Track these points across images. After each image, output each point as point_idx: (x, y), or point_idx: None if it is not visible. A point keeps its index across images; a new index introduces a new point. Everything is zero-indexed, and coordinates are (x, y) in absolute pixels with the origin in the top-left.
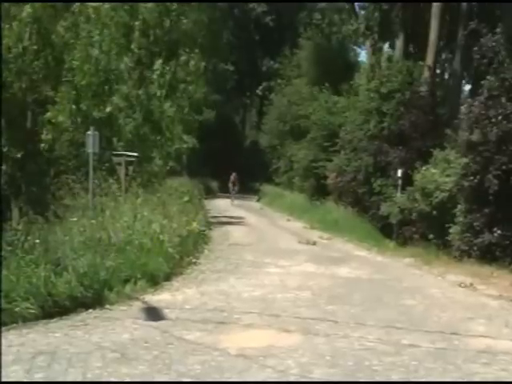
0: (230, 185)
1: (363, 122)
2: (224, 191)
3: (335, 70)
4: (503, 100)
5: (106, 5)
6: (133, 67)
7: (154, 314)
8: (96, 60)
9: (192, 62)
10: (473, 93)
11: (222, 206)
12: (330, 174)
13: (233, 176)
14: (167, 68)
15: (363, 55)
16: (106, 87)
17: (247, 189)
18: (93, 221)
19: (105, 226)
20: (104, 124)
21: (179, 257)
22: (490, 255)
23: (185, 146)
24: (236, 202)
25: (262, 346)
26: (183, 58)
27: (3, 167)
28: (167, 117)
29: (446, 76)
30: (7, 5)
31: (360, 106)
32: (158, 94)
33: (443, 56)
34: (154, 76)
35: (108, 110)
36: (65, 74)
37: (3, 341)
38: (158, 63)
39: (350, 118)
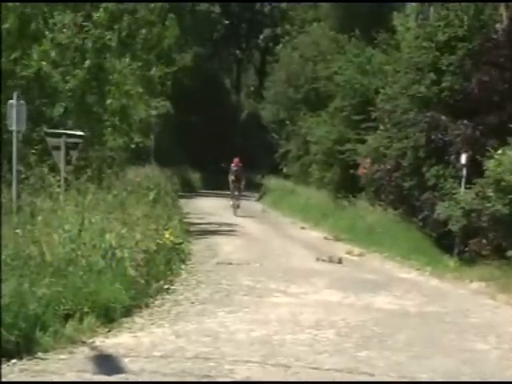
0: (232, 178)
1: (411, 85)
2: (209, 186)
3: (367, 12)
4: None
5: None
6: (73, 6)
7: (107, 364)
8: None
9: None
10: None
11: (206, 207)
12: (362, 160)
13: (235, 164)
14: (121, 7)
15: None
16: (32, 29)
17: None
18: (18, 230)
19: (36, 237)
20: (31, 86)
21: (145, 281)
22: None
23: (153, 113)
24: (239, 211)
25: None
26: None
27: None
28: (123, 76)
29: None
30: None
31: (406, 60)
32: (110, 42)
33: None
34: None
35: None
36: None
37: None
38: None
39: (391, 79)
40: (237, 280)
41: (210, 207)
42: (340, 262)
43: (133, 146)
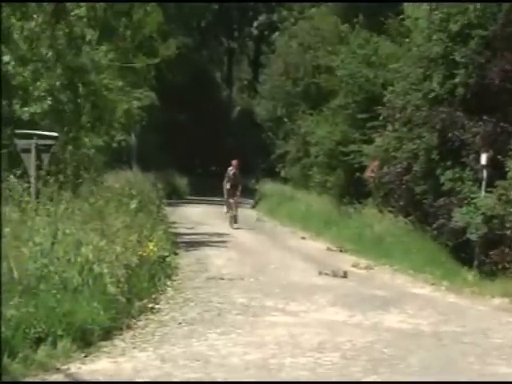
0: (228, 184)
1: (422, 79)
2: (197, 192)
3: None
4: None
5: None
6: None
7: None
8: None
9: None
10: None
11: (195, 215)
12: (369, 162)
13: (233, 168)
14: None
15: None
16: None
17: None
18: None
19: (3, 251)
20: None
21: (126, 300)
22: None
23: (135, 104)
24: (236, 224)
25: None
26: None
27: None
28: (100, 67)
29: None
30: None
31: (417, 52)
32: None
33: None
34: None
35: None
36: None
37: None
38: None
39: (400, 73)
40: (229, 297)
41: (199, 215)
42: (345, 276)
43: (114, 145)
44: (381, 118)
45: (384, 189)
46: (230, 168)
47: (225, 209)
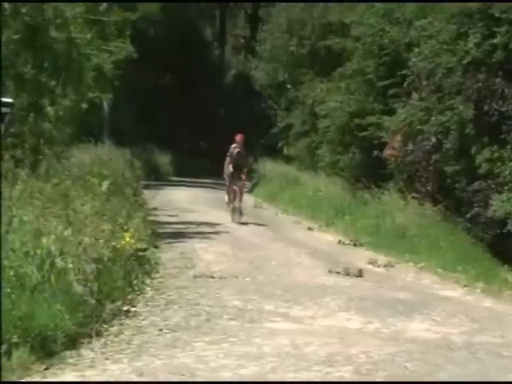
0: (231, 165)
1: (455, 38)
2: (183, 172)
3: None
4: None
5: None
6: None
7: None
8: None
9: None
10: None
11: (180, 200)
12: (390, 139)
13: (238, 144)
14: None
15: None
16: None
17: None
18: None
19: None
20: None
21: (96, 301)
22: None
23: (109, 58)
24: (241, 216)
25: None
26: None
27: None
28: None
29: None
30: None
31: (449, 7)
32: None
33: None
34: None
35: None
36: None
37: None
38: None
39: (428, 32)
40: (221, 299)
41: (185, 201)
42: (360, 274)
43: (84, 105)
44: (405, 84)
45: (408, 170)
46: (234, 145)
47: (226, 197)
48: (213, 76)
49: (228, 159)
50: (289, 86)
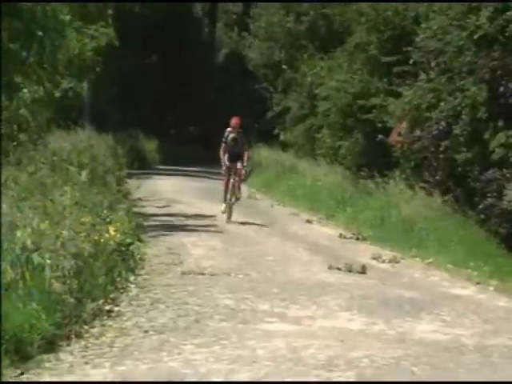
0: (225, 158)
1: (467, 12)
2: (170, 160)
3: None
4: None
5: None
6: None
7: None
8: None
9: None
10: None
11: (167, 191)
12: (396, 123)
13: (233, 127)
14: None
15: None
16: None
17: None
18: None
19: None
20: None
21: (75, 300)
22: None
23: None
24: (235, 214)
25: None
26: None
27: None
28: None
29: None
30: None
31: None
32: None
33: None
34: None
35: None
36: None
37: None
38: None
39: (434, 7)
40: (211, 298)
41: (172, 191)
42: (363, 271)
43: (58, 94)
44: (410, 62)
45: (415, 158)
46: (229, 130)
47: (224, 191)
48: (203, 55)
49: (222, 146)
50: (285, 67)
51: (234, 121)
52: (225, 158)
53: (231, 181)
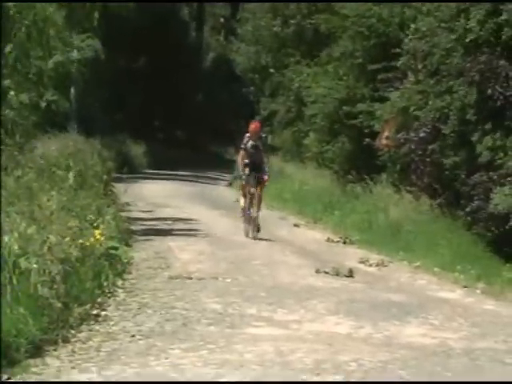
0: (245, 162)
1: (456, 14)
2: (158, 164)
3: None
4: None
5: None
6: None
7: None
8: None
9: None
10: None
11: (155, 195)
12: (383, 126)
13: (253, 133)
14: None
15: None
16: None
17: (208, 160)
18: None
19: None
20: None
21: (62, 305)
22: None
23: (74, 55)
24: (251, 231)
25: None
26: None
27: None
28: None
29: None
30: None
31: None
32: None
33: None
34: None
35: None
36: None
37: None
38: None
39: (423, 8)
40: (198, 303)
41: (160, 195)
42: (350, 275)
43: (43, 103)
44: (399, 64)
45: (402, 161)
46: (248, 135)
47: (241, 201)
48: (190, 59)
49: (241, 154)
50: (272, 71)
51: (254, 125)
52: (245, 169)
53: (252, 190)
